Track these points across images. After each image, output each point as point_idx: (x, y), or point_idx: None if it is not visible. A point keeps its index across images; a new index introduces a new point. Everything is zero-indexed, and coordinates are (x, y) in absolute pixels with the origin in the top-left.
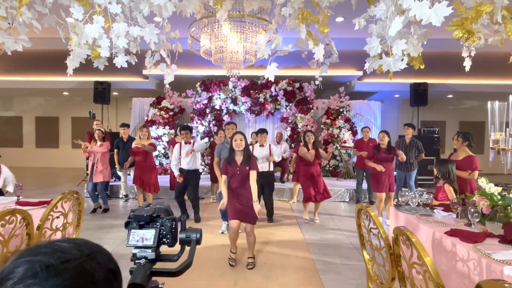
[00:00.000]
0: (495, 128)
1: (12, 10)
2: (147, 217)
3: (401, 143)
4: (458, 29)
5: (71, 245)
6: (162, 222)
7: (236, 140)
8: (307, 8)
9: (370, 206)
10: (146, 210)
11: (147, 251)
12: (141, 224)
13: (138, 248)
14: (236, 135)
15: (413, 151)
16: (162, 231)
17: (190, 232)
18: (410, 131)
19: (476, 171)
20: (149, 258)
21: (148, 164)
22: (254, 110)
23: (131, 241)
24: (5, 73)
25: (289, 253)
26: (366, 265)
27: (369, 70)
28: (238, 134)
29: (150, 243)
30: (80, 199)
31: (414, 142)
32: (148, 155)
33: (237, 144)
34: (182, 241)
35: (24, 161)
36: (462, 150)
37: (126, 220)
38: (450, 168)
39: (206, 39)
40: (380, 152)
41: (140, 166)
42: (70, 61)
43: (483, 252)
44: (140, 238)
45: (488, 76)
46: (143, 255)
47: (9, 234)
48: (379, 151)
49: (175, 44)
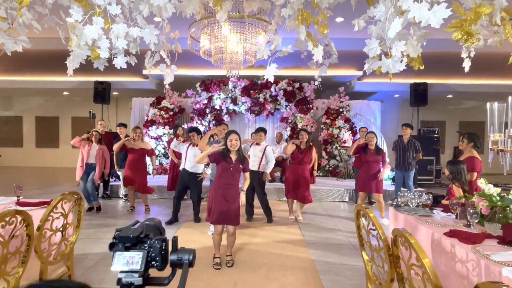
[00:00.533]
0: (494, 129)
1: (12, 11)
2: (134, 238)
3: (399, 143)
4: (457, 30)
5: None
6: (150, 243)
7: (231, 140)
8: (307, 9)
9: (370, 206)
10: (132, 230)
11: (133, 275)
12: (127, 246)
13: (124, 273)
14: (231, 135)
15: (411, 151)
16: (150, 253)
17: (182, 254)
18: (409, 131)
19: (474, 173)
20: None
21: (140, 166)
22: (254, 110)
23: (116, 264)
24: (5, 73)
25: (288, 253)
26: (365, 266)
27: (368, 71)
28: (234, 134)
29: (137, 267)
30: (80, 200)
31: (412, 142)
32: (142, 157)
33: (233, 144)
34: (173, 264)
35: (24, 161)
36: (467, 151)
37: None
38: (462, 168)
39: (206, 40)
40: (367, 154)
41: (132, 167)
42: (70, 62)
43: (482, 253)
44: (126, 261)
45: (488, 76)
46: (129, 280)
47: (9, 235)
48: (366, 152)
49: (174, 45)
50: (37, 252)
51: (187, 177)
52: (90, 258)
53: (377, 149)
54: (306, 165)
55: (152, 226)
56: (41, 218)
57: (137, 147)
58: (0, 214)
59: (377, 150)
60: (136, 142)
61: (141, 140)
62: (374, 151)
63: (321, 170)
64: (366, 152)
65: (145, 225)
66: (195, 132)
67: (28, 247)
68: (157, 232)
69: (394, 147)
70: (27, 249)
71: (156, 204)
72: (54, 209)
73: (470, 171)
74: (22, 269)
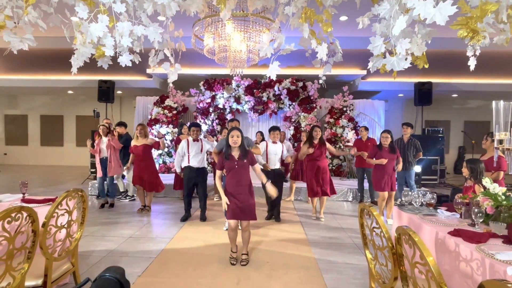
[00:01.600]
0: (500, 128)
1: (18, 10)
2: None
3: (400, 143)
4: (462, 28)
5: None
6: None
7: (233, 137)
8: (311, 7)
9: (373, 206)
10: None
11: None
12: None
13: None
14: (233, 131)
15: (411, 150)
16: None
17: None
18: (409, 130)
19: (501, 172)
20: None
21: (147, 163)
22: (257, 109)
23: None
24: (11, 72)
25: (291, 252)
26: (368, 265)
27: (372, 70)
28: (235, 131)
29: None
30: (85, 197)
31: (412, 141)
32: (147, 154)
33: (234, 140)
34: None
35: (29, 159)
36: (491, 150)
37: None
38: (482, 168)
39: (210, 38)
40: (382, 151)
41: (139, 165)
42: (74, 60)
43: (487, 252)
44: None
45: (493, 75)
46: None
47: (15, 231)
48: (381, 150)
49: (178, 43)
50: (42, 248)
51: (194, 174)
52: (95, 255)
53: (391, 147)
54: (323, 158)
55: (109, 282)
56: (46, 214)
57: (139, 144)
58: (7, 210)
59: (391, 148)
60: (140, 139)
61: (144, 137)
62: (389, 149)
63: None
64: (381, 149)
65: (97, 284)
66: (199, 128)
67: (33, 243)
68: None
69: None
70: (32, 245)
71: (161, 203)
72: (59, 205)
73: (496, 170)
74: (27, 265)
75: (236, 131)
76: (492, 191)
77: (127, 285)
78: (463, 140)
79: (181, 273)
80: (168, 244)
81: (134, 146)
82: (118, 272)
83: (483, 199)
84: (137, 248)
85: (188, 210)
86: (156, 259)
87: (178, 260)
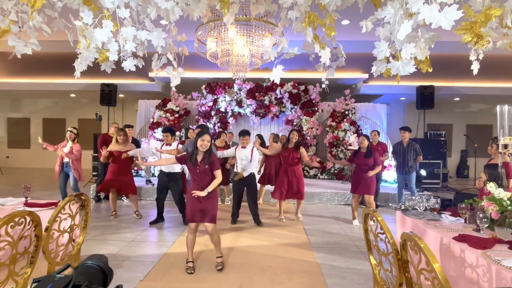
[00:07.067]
0: (504, 132)
1: (23, 14)
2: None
3: (399, 147)
4: (467, 33)
5: None
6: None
7: (203, 141)
8: (314, 12)
9: (377, 210)
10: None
11: None
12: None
13: None
14: (204, 135)
15: (411, 154)
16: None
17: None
18: (407, 134)
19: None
20: None
21: (125, 169)
22: (259, 112)
23: None
24: (14, 75)
25: (294, 257)
26: (372, 270)
27: (376, 74)
28: (207, 135)
29: None
30: (87, 201)
31: (411, 145)
32: (126, 161)
33: (203, 145)
34: None
35: (32, 162)
36: (497, 156)
37: None
38: (502, 172)
39: (213, 42)
40: (357, 156)
41: (116, 171)
42: (78, 64)
43: (493, 258)
44: None
45: (496, 79)
46: None
47: (18, 236)
48: (356, 154)
49: (181, 47)
50: (45, 252)
51: (165, 179)
52: None
53: (368, 151)
54: (297, 163)
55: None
56: (49, 219)
57: (117, 150)
58: (11, 215)
59: (368, 153)
60: (119, 145)
61: (126, 143)
62: (365, 153)
63: (326, 173)
64: (357, 155)
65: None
66: (169, 132)
67: (36, 248)
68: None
69: (394, 151)
70: (35, 249)
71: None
72: (62, 210)
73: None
74: (30, 270)
75: (207, 136)
76: (496, 196)
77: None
78: (465, 144)
79: (183, 277)
80: (169, 248)
81: (115, 151)
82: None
83: (488, 204)
84: (139, 252)
85: (160, 213)
86: (158, 263)
87: (180, 265)
